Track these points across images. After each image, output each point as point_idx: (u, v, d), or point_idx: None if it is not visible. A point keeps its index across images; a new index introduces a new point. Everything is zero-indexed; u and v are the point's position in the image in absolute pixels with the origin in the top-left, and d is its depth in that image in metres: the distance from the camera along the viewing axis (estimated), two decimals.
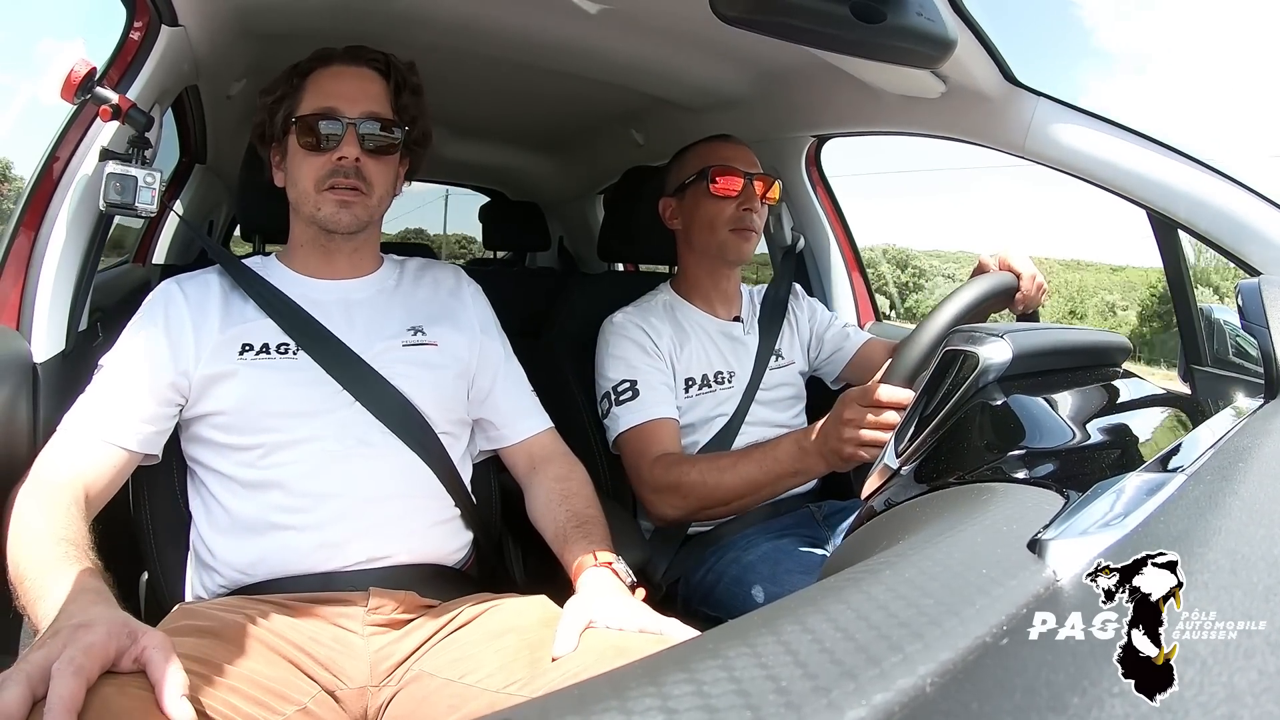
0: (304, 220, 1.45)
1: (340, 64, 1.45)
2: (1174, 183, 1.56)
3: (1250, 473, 0.67)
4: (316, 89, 1.42)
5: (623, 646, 1.06)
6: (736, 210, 1.91)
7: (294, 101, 1.43)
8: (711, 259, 1.99)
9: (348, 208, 1.40)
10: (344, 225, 1.41)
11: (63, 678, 0.82)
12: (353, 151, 1.38)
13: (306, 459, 1.30)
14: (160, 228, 3.07)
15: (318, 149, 1.39)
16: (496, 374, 1.55)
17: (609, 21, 1.89)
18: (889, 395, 1.38)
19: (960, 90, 1.73)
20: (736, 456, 1.72)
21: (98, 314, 1.60)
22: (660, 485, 1.73)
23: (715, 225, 1.92)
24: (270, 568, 1.28)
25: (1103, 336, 1.49)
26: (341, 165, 1.38)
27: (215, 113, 2.42)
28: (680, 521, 1.79)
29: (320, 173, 1.39)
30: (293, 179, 1.43)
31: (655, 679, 0.39)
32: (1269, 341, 1.09)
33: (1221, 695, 0.36)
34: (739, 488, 1.65)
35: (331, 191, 1.39)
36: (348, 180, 1.39)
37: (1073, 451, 0.97)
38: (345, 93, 1.41)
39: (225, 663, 1.06)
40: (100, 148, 1.47)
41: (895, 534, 0.74)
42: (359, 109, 1.40)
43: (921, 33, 1.21)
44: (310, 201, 1.41)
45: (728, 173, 1.92)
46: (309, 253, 1.48)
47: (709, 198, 1.92)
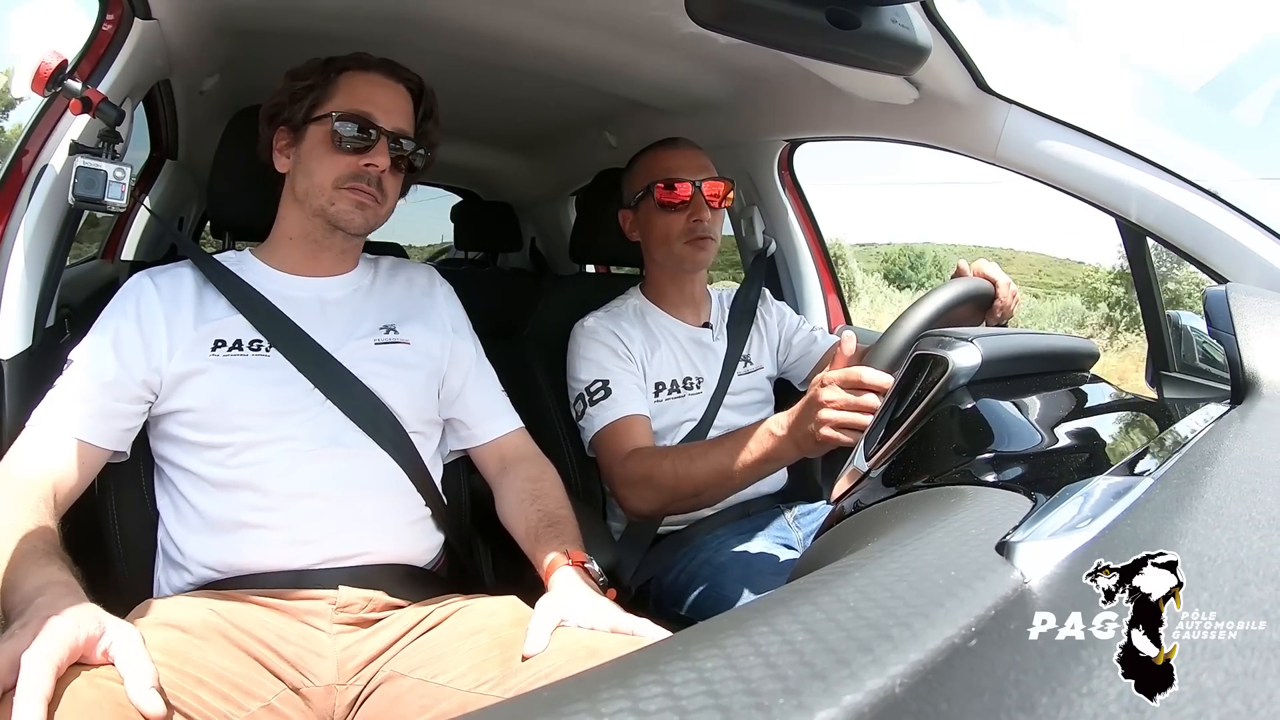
0: (307, 212, 1.44)
1: (379, 74, 1.46)
2: (1143, 191, 1.58)
3: (1216, 477, 0.67)
4: (352, 91, 1.43)
5: (594, 647, 1.07)
6: (687, 222, 1.91)
7: (324, 94, 1.43)
8: (672, 269, 2.00)
9: (362, 210, 1.42)
10: (355, 226, 1.43)
11: (33, 667, 0.82)
12: (383, 161, 1.41)
13: (277, 458, 1.29)
14: (129, 223, 3.04)
15: (348, 150, 1.40)
16: (468, 374, 1.55)
17: (584, 24, 1.90)
18: (870, 377, 1.38)
19: (933, 97, 1.75)
20: (707, 445, 1.72)
21: (65, 310, 1.58)
22: (633, 478, 1.73)
23: (669, 238, 1.93)
24: (240, 565, 1.27)
25: (1071, 342, 1.51)
26: (368, 171, 1.40)
27: (188, 108, 2.40)
28: (653, 515, 1.79)
29: (344, 172, 1.40)
30: (308, 169, 1.42)
31: (626, 681, 0.39)
32: (1235, 348, 1.10)
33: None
34: (709, 476, 1.63)
35: (351, 191, 1.40)
36: (369, 187, 1.41)
37: (1041, 455, 0.98)
38: (383, 103, 1.43)
39: (192, 656, 1.06)
40: (70, 141, 1.46)
41: (864, 537, 0.74)
42: (392, 122, 1.43)
43: (896, 40, 1.22)
44: (325, 195, 1.41)
45: (673, 184, 1.91)
46: (296, 247, 1.47)
47: (658, 212, 1.93)
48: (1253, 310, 1.15)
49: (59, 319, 1.55)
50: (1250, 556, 0.50)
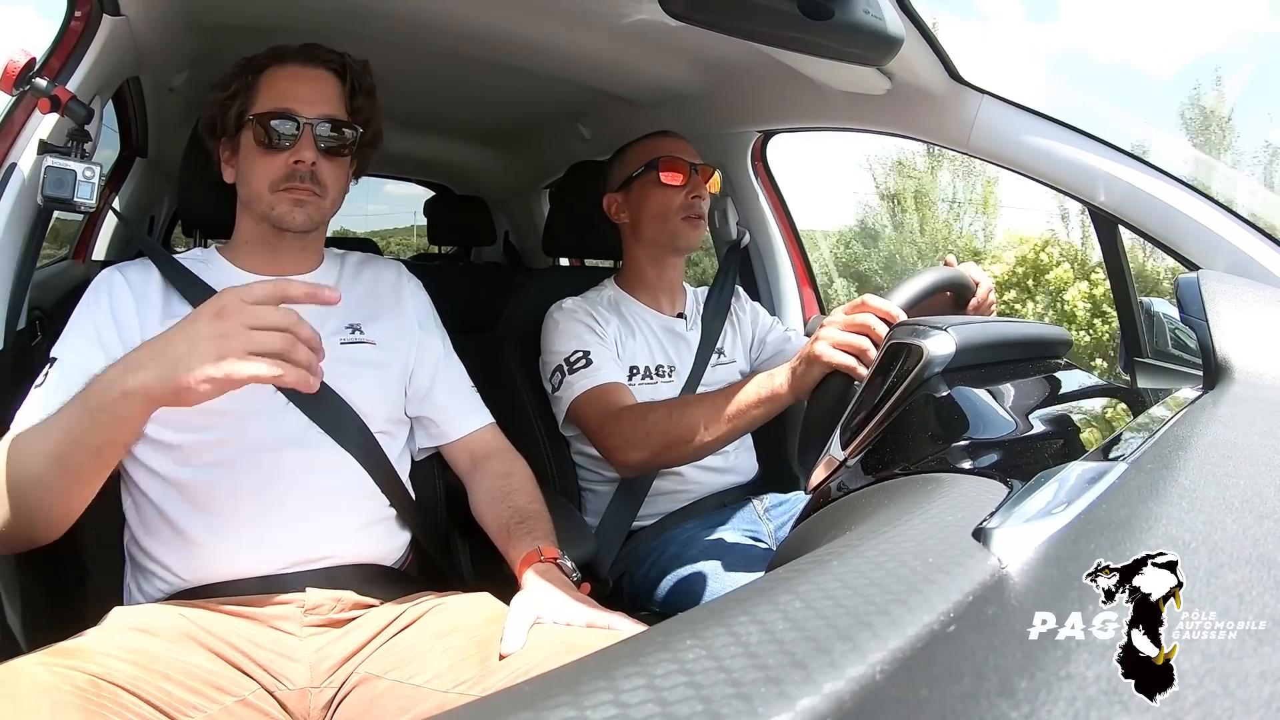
0: (255, 218, 1.43)
1: (296, 64, 1.43)
2: (1114, 179, 1.59)
3: (1189, 461, 0.68)
4: (272, 88, 1.41)
5: (572, 643, 1.07)
6: (686, 198, 1.95)
7: (248, 99, 1.41)
8: (660, 249, 2.02)
9: (302, 207, 1.40)
10: (298, 224, 1.41)
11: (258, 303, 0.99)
12: (309, 155, 1.38)
13: (238, 458, 1.28)
14: (100, 223, 3.00)
15: (273, 149, 1.38)
16: (435, 371, 1.54)
17: (557, 15, 1.89)
18: (875, 301, 1.39)
19: (905, 88, 1.75)
20: (701, 395, 1.78)
21: (36, 312, 1.56)
22: (624, 430, 1.72)
23: (667, 214, 1.96)
24: (205, 573, 1.26)
25: (1044, 329, 1.52)
26: (298, 168, 1.38)
27: (158, 105, 2.37)
28: (644, 467, 1.77)
29: (276, 174, 1.38)
30: (245, 178, 1.41)
31: (607, 673, 0.39)
32: (1207, 334, 1.11)
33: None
34: (703, 418, 1.62)
35: (287, 192, 1.39)
36: (304, 183, 1.39)
37: (1016, 442, 0.98)
38: (302, 94, 1.41)
39: (160, 655, 1.05)
40: (39, 140, 1.44)
41: (842, 525, 0.75)
42: (315, 110, 1.40)
43: (869, 30, 1.23)
44: (264, 201, 1.39)
45: (674, 163, 1.96)
46: (254, 249, 1.46)
47: (659, 188, 1.96)
48: (1224, 297, 1.16)
49: (30, 320, 1.53)
50: (1225, 539, 0.51)
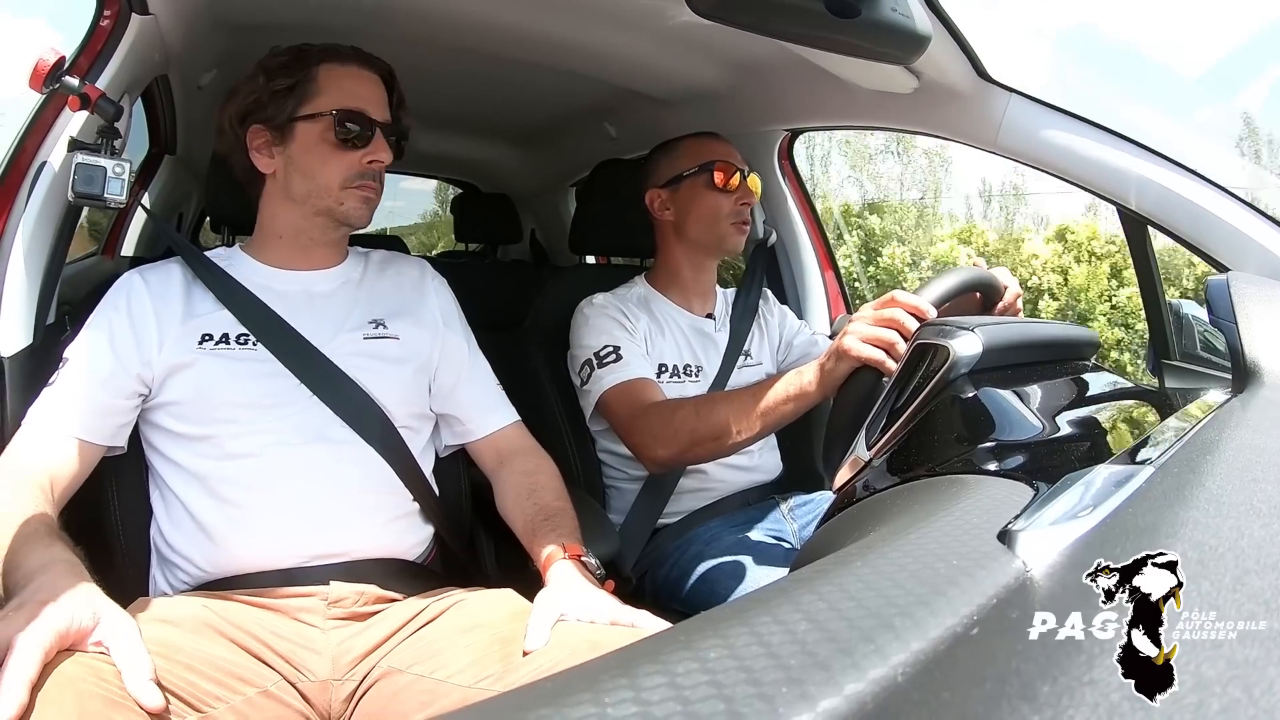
0: (307, 212, 1.44)
1: (357, 66, 1.46)
2: (1144, 179, 1.58)
3: (1217, 465, 0.68)
4: (339, 87, 1.43)
5: (595, 640, 1.06)
6: (736, 204, 1.95)
7: (307, 91, 1.42)
8: (703, 251, 2.02)
9: (369, 205, 1.45)
10: (364, 220, 1.46)
11: (21, 651, 0.83)
12: (385, 155, 1.44)
13: (262, 452, 1.29)
14: (129, 219, 3.03)
15: (350, 147, 1.41)
16: (460, 369, 1.54)
17: (583, 14, 1.89)
18: (904, 297, 1.38)
19: (933, 86, 1.74)
20: (729, 391, 1.79)
21: (66, 307, 1.57)
22: (654, 427, 1.72)
23: (717, 218, 1.95)
24: (229, 565, 1.27)
25: (1072, 330, 1.51)
26: (372, 167, 1.42)
27: (186, 103, 2.39)
28: (672, 463, 1.77)
29: (350, 171, 1.41)
30: (309, 171, 1.42)
31: (628, 671, 0.39)
32: (1236, 336, 1.10)
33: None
34: (731, 415, 1.62)
35: (359, 189, 1.42)
36: (374, 182, 1.44)
37: (1042, 444, 0.98)
38: (369, 96, 1.44)
39: (183, 646, 1.06)
40: (69, 138, 1.45)
41: (866, 526, 0.74)
42: (381, 114, 1.44)
43: (896, 28, 1.22)
44: (332, 195, 1.42)
45: (728, 167, 1.95)
46: (288, 243, 1.47)
47: (711, 190, 1.95)
48: (1254, 299, 1.15)
49: (60, 315, 1.54)
50: (1252, 545, 0.50)
